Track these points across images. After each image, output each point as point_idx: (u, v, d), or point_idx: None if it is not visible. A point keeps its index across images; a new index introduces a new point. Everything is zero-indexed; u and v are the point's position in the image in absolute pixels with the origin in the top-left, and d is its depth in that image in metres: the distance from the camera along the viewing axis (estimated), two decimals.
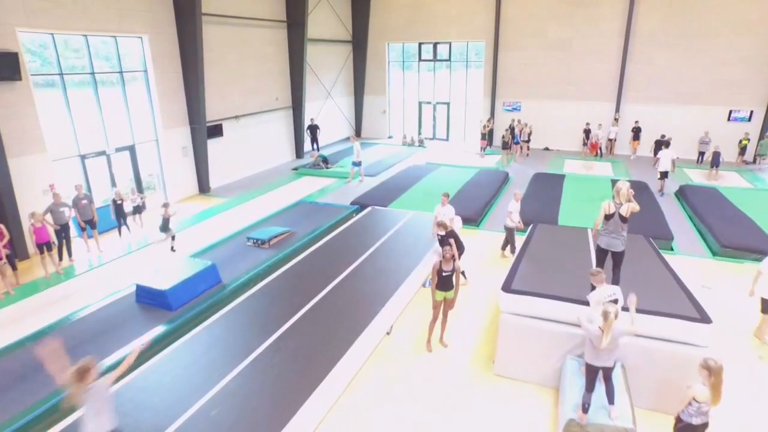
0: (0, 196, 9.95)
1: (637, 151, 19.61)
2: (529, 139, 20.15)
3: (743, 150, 18.20)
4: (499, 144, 19.48)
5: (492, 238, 11.14)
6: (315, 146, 20.48)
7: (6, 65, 9.76)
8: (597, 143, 19.03)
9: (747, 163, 18.34)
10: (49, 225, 9.53)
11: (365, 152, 19.63)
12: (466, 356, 6.92)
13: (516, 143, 19.32)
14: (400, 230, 10.53)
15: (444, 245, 7.79)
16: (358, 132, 25.57)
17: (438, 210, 9.11)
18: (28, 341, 6.76)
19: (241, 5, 16.37)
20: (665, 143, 17.39)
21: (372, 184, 15.45)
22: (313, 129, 20.49)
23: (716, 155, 15.98)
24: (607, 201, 6.31)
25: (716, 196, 13.32)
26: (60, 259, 9.85)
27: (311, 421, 5.44)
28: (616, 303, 5.26)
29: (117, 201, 10.96)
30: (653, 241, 8.66)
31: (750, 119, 18.48)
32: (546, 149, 21.65)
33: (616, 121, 19.98)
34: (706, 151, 17.74)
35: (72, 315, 7.52)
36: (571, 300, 6.00)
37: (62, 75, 11.48)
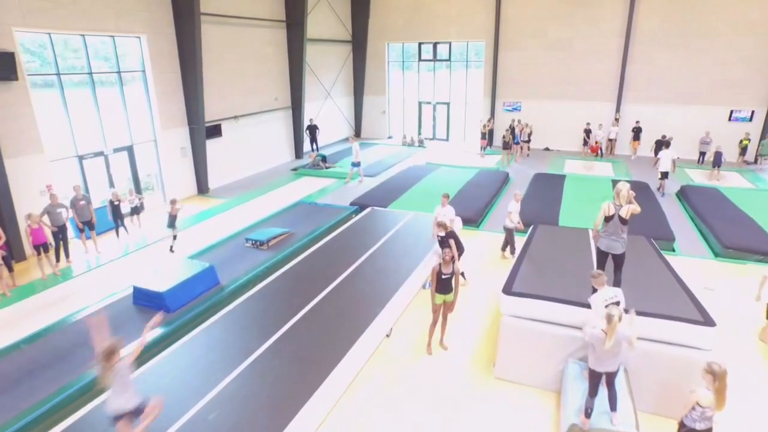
0: None
1: (638, 152, 19.55)
2: (530, 139, 20.09)
3: (744, 150, 18.14)
4: (500, 144, 19.42)
5: (492, 239, 11.08)
6: (314, 146, 20.41)
7: (2, 65, 9.69)
8: (597, 146, 18.80)
9: (748, 164, 18.28)
10: (46, 226, 9.47)
11: (365, 152, 19.57)
12: (467, 359, 6.86)
13: (516, 143, 19.27)
14: (400, 231, 10.47)
15: (444, 247, 7.73)
16: (358, 132, 25.50)
17: (438, 211, 9.06)
18: (24, 344, 6.71)
19: (240, 5, 16.31)
20: (666, 143, 17.34)
21: (372, 185, 15.39)
22: (313, 129, 20.42)
23: (718, 155, 15.92)
24: (607, 202, 6.26)
25: (718, 197, 13.26)
26: (57, 261, 9.81)
27: (310, 425, 5.38)
28: (618, 305, 5.19)
29: (114, 202, 10.89)
30: (655, 242, 8.60)
31: (751, 119, 18.42)
32: (546, 149, 21.59)
33: (617, 122, 19.91)
34: (707, 152, 17.70)
35: (69, 317, 7.45)
36: (573, 302, 5.94)
37: (59, 75, 11.41)
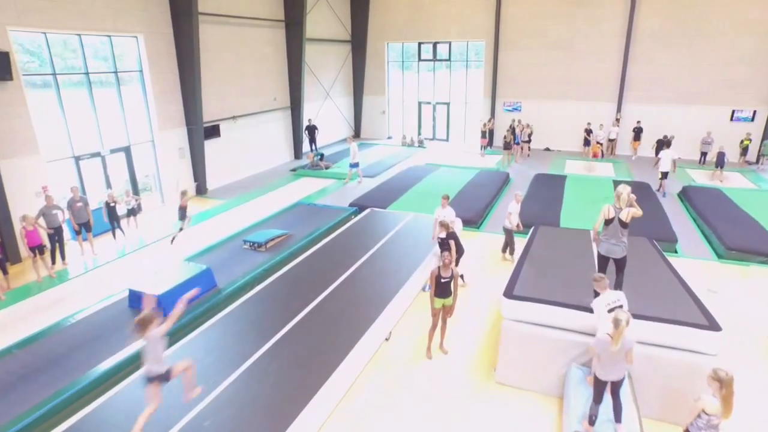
0: None
1: (638, 152, 19.45)
2: (530, 140, 19.98)
3: (745, 150, 18.03)
4: (501, 144, 19.31)
5: (493, 240, 10.98)
6: (313, 147, 20.29)
7: None
8: (599, 148, 18.14)
9: (750, 164, 18.18)
10: (42, 228, 9.36)
11: (364, 153, 19.51)
12: (467, 363, 6.76)
13: (517, 143, 19.16)
14: (400, 232, 10.37)
15: (444, 249, 7.63)
16: (358, 132, 25.39)
17: (438, 212, 8.98)
18: (17, 348, 6.60)
19: (239, 4, 16.19)
20: (667, 143, 17.26)
21: (371, 186, 15.29)
22: (312, 130, 20.29)
23: (721, 156, 15.74)
24: (607, 205, 6.18)
25: (720, 197, 13.14)
26: (53, 263, 9.71)
27: (309, 430, 5.28)
28: (621, 309, 5.09)
29: (110, 203, 10.78)
30: (657, 244, 8.49)
31: (753, 119, 18.31)
32: (547, 149, 21.49)
33: (618, 122, 19.80)
34: (709, 152, 17.59)
35: (64, 320, 7.35)
36: (575, 306, 5.83)
37: (55, 75, 11.29)
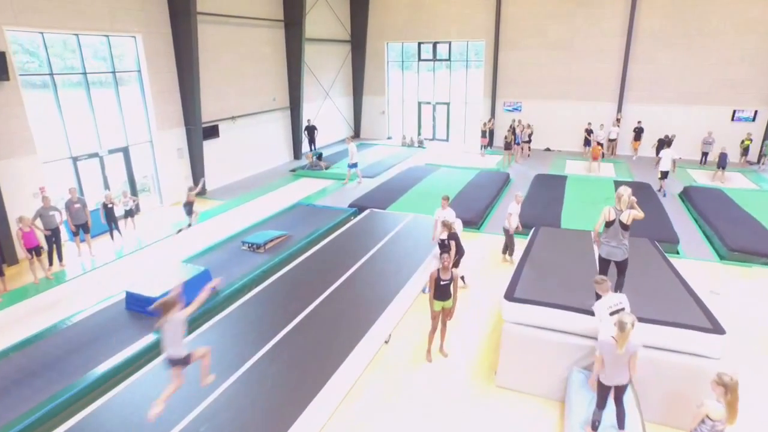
0: None
1: (638, 152, 19.37)
2: (530, 140, 19.90)
3: (746, 150, 17.94)
4: (501, 144, 19.23)
5: (493, 241, 10.90)
6: (312, 147, 20.21)
7: None
8: (599, 150, 17.69)
9: (751, 164, 18.10)
10: (38, 230, 9.29)
11: (364, 153, 19.44)
12: (467, 366, 6.69)
13: (517, 144, 19.08)
14: (400, 233, 10.30)
15: (444, 251, 7.55)
16: (357, 133, 25.31)
17: (438, 213, 8.92)
18: (12, 351, 6.52)
19: (237, 4, 16.12)
20: (668, 142, 17.19)
21: (371, 186, 15.21)
22: (311, 130, 20.22)
23: (723, 157, 15.56)
24: (608, 207, 6.12)
25: (722, 198, 13.06)
26: (50, 264, 9.64)
27: None
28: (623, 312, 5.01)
29: (107, 205, 10.70)
30: (659, 245, 8.42)
31: (754, 119, 18.23)
32: (547, 150, 21.41)
33: (618, 122, 19.71)
34: (710, 152, 17.51)
35: (60, 323, 7.26)
36: (577, 309, 5.76)
37: (52, 75, 11.22)
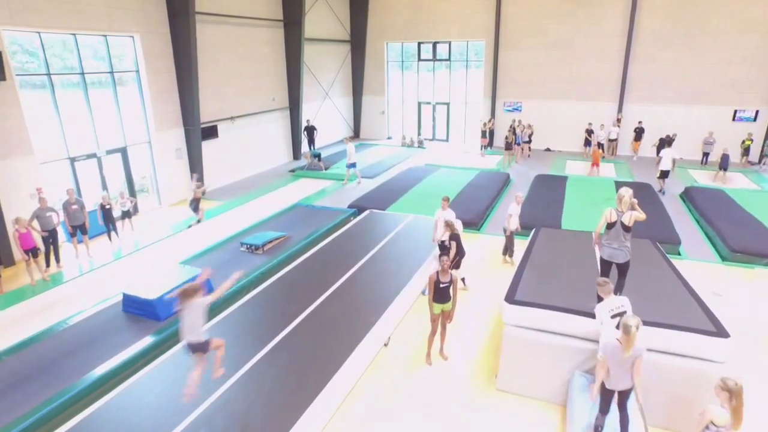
0: None
1: (639, 152, 19.30)
2: (530, 140, 19.84)
3: (747, 150, 17.85)
4: (501, 145, 19.17)
5: (493, 243, 10.83)
6: (311, 148, 20.13)
7: None
8: (598, 156, 17.52)
9: (752, 164, 18.03)
10: (35, 231, 9.21)
11: (363, 153, 19.38)
12: (468, 369, 6.62)
13: (517, 144, 19.02)
14: (399, 234, 10.23)
15: (444, 252, 7.48)
16: (357, 133, 25.25)
17: (438, 214, 8.83)
18: (6, 355, 6.45)
19: (237, 4, 16.05)
20: (668, 142, 17.12)
21: (370, 187, 15.15)
22: (310, 130, 20.15)
23: (725, 158, 15.42)
24: (609, 208, 6.05)
25: (723, 198, 12.99)
26: (47, 266, 9.57)
27: None
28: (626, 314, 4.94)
29: (105, 206, 10.63)
30: (660, 246, 8.35)
31: (755, 119, 18.17)
32: (547, 150, 21.35)
33: (618, 122, 19.64)
34: (711, 152, 17.44)
35: (57, 325, 7.20)
36: (578, 312, 5.68)
37: (50, 75, 11.14)
